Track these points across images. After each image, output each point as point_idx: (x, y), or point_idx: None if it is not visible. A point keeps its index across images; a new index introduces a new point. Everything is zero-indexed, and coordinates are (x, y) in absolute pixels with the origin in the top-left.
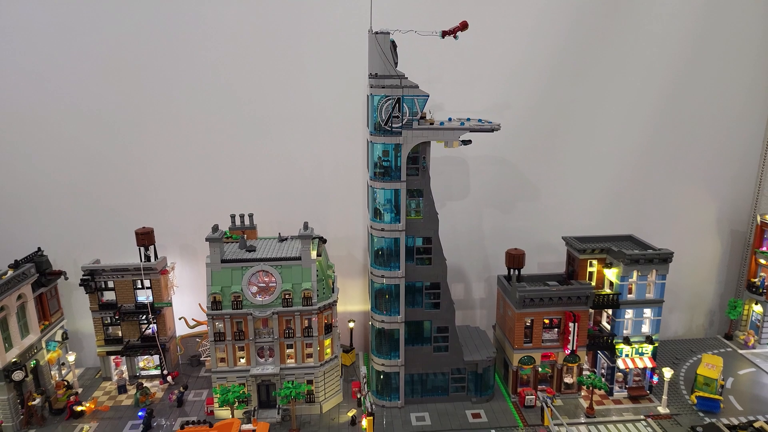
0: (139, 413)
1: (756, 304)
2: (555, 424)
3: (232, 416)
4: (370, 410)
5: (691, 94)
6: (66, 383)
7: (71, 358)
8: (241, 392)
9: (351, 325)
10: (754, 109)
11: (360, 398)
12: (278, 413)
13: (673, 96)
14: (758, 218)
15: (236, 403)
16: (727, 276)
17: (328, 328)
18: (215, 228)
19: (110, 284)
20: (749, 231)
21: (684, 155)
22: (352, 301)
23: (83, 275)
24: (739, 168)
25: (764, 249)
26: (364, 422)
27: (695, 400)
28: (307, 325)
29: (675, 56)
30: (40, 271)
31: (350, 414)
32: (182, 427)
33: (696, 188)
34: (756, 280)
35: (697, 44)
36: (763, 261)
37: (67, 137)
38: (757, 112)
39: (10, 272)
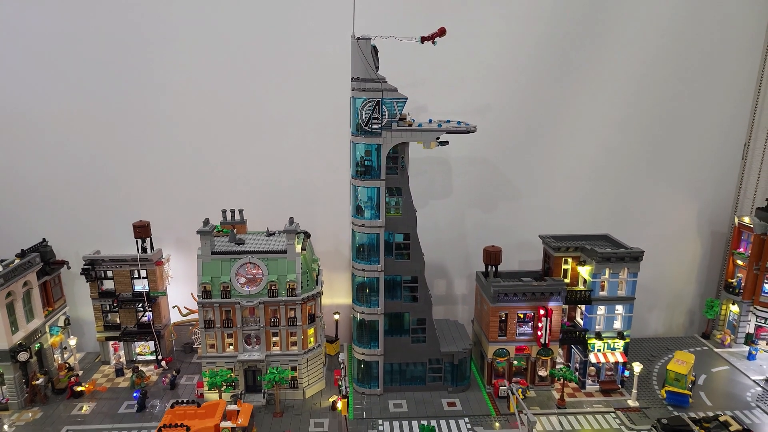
0: (134, 394)
1: (733, 304)
2: (519, 411)
3: (220, 398)
4: (344, 393)
5: (673, 95)
6: (67, 365)
7: (72, 342)
8: (228, 376)
9: (336, 317)
10: (736, 111)
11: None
12: (263, 397)
13: (655, 97)
14: (736, 220)
15: (224, 386)
16: (707, 276)
17: (312, 318)
18: (206, 222)
19: (109, 274)
20: (729, 232)
21: (666, 157)
22: (338, 294)
23: (84, 265)
24: (721, 170)
25: (741, 250)
26: (339, 404)
27: (665, 395)
28: (291, 314)
29: (657, 58)
30: (44, 260)
31: (331, 399)
32: (172, 407)
33: (677, 190)
34: (733, 280)
35: (679, 47)
36: (740, 262)
37: (70, 135)
38: (739, 115)
39: (16, 261)
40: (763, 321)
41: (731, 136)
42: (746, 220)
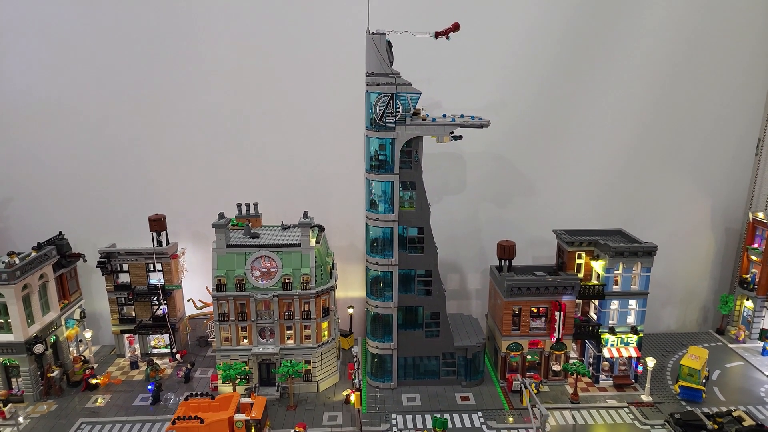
0: (149, 387)
1: (747, 299)
2: (532, 406)
3: (234, 391)
4: (357, 386)
5: (686, 91)
6: (83, 358)
7: (88, 335)
8: (242, 369)
9: (350, 311)
10: (748, 107)
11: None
12: (277, 390)
13: (668, 93)
14: (750, 216)
15: (238, 379)
16: (721, 272)
17: (326, 312)
18: (221, 215)
19: (125, 267)
20: (743, 228)
21: (679, 153)
22: (353, 287)
23: (100, 258)
24: (734, 166)
25: (755, 246)
26: (353, 397)
27: (678, 390)
28: (305, 308)
29: (670, 53)
30: (60, 253)
31: (345, 393)
32: (186, 399)
33: (691, 185)
34: (747, 276)
35: (692, 41)
36: (754, 257)
37: (87, 130)
38: (752, 110)
39: (33, 254)
40: None
41: (745, 131)
42: (760, 215)
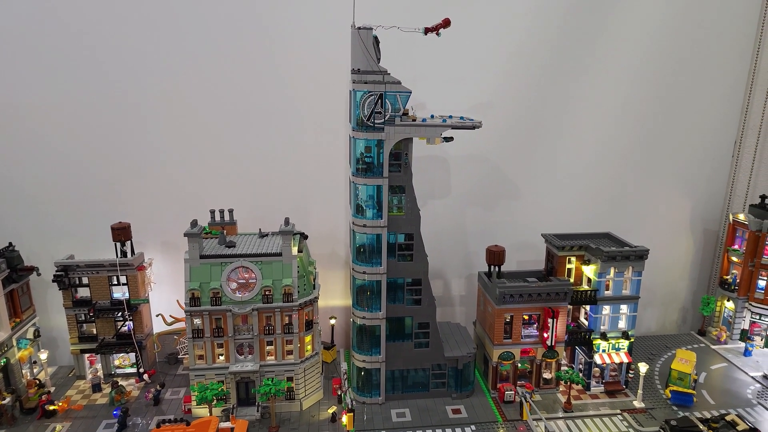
0: (114, 412)
1: (728, 300)
2: (534, 419)
3: (210, 414)
4: (350, 407)
5: (667, 95)
6: (38, 382)
7: (43, 356)
8: (219, 390)
9: (332, 322)
10: (728, 110)
11: (340, 395)
12: (258, 411)
13: (649, 97)
14: (730, 217)
15: (214, 401)
16: (699, 273)
17: (309, 325)
18: (194, 223)
19: (85, 280)
20: (721, 230)
21: (659, 156)
22: (334, 296)
23: (56, 271)
24: (712, 168)
25: (736, 247)
26: (345, 418)
27: (669, 395)
28: (287, 321)
29: (650, 57)
30: (11, 266)
31: (331, 411)
32: (158, 426)
33: (671, 187)
34: (728, 277)
35: (672, 45)
36: (735, 259)
37: (40, 130)
38: (731, 113)
39: None
40: (757, 317)
41: (722, 134)
42: (741, 217)
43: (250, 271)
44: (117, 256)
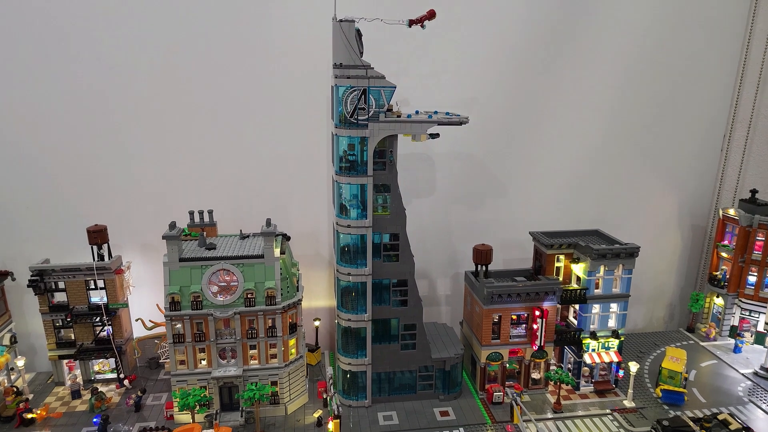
0: (94, 419)
1: (717, 297)
2: (524, 421)
3: (193, 421)
4: (336, 412)
5: (654, 88)
6: (15, 389)
7: (20, 363)
8: (202, 395)
9: (316, 323)
10: (715, 103)
11: (326, 399)
12: (242, 416)
13: (636, 90)
14: (720, 212)
15: (197, 407)
16: (687, 269)
17: (293, 328)
18: (172, 225)
19: (61, 285)
20: (710, 225)
21: (647, 150)
22: (317, 296)
23: (31, 275)
24: (700, 163)
25: (725, 242)
26: (331, 425)
27: (660, 393)
28: (270, 325)
29: (639, 51)
30: None
31: (316, 415)
32: None
33: (658, 182)
34: (718, 273)
35: (662, 40)
36: (724, 254)
37: (14, 130)
38: (719, 107)
39: None
40: (747, 313)
41: (711, 127)
42: (731, 212)
43: (232, 273)
44: (94, 260)
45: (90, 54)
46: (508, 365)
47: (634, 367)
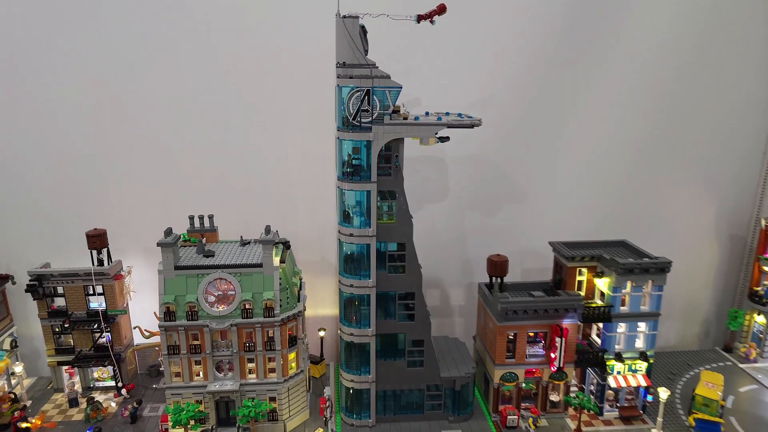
0: (88, 431)
1: (759, 314)
2: None
3: None
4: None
5: (689, 88)
6: (13, 396)
7: (19, 368)
8: (196, 411)
9: (321, 334)
10: (756, 104)
11: (325, 419)
12: None
13: (670, 91)
14: (762, 222)
15: (190, 423)
16: (724, 284)
17: (293, 341)
18: (168, 231)
19: (60, 290)
20: (750, 235)
21: (681, 154)
22: (324, 305)
23: (30, 280)
24: (740, 168)
25: None
26: None
27: (693, 423)
28: (268, 337)
29: (673, 50)
30: None
31: None
32: None
33: (693, 189)
34: (759, 288)
35: (696, 35)
36: (766, 268)
37: (15, 134)
38: (761, 108)
39: None
40: None
41: (752, 130)
42: None
43: (229, 283)
44: (93, 265)
45: (92, 58)
46: (524, 386)
47: (664, 393)
